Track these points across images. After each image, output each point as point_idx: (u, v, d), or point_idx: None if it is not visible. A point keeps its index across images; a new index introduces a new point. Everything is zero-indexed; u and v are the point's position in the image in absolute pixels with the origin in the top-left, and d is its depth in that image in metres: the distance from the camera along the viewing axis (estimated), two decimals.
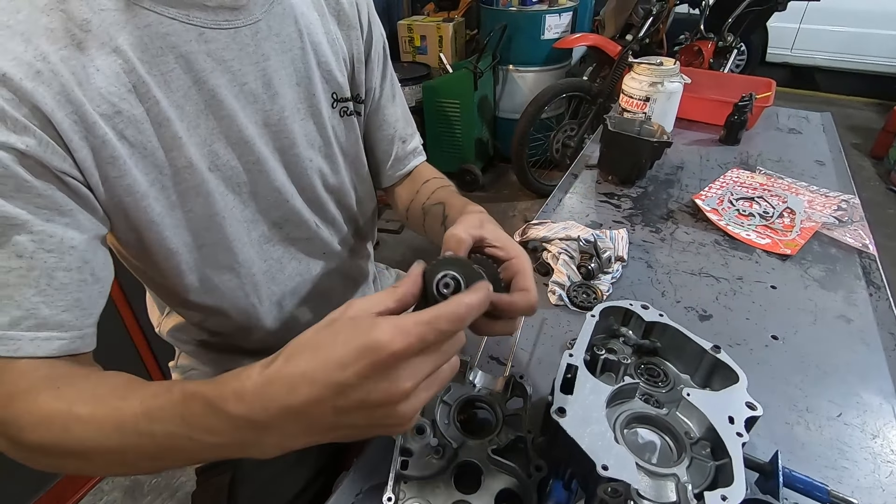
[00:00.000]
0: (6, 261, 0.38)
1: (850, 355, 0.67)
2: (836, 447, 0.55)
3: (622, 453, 0.36)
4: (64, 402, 0.37)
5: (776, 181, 1.09)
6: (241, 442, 0.32)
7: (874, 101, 4.15)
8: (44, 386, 0.38)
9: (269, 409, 0.30)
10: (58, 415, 0.36)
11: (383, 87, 0.67)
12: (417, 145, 0.74)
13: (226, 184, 0.51)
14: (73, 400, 0.37)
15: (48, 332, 0.39)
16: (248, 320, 0.61)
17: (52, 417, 0.36)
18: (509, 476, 0.49)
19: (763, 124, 1.38)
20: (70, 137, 0.40)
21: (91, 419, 0.36)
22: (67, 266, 0.40)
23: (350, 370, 0.28)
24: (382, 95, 0.68)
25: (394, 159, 0.71)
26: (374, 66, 0.64)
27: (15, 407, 0.37)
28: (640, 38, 2.38)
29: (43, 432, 0.36)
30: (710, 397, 0.42)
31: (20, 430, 0.37)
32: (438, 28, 2.80)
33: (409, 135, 0.72)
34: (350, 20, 0.59)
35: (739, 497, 0.33)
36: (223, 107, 0.48)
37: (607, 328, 0.53)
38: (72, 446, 0.36)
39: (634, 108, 1.24)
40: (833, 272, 0.83)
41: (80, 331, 0.42)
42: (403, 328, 0.29)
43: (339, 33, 0.59)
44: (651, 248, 0.89)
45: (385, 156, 0.71)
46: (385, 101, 0.68)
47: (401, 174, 0.72)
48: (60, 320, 0.40)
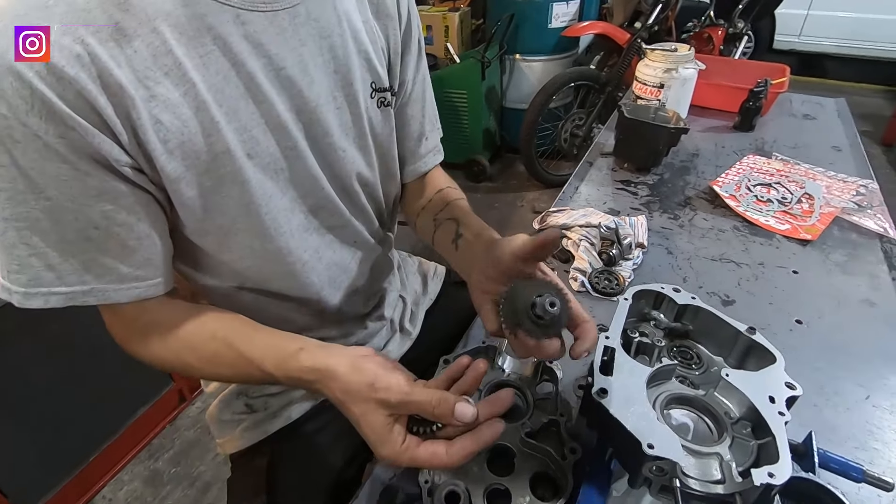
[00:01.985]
0: (83, 233, 0.43)
1: (876, 339, 0.67)
2: (866, 429, 0.56)
3: (666, 433, 0.36)
4: (172, 352, 0.51)
5: (793, 167, 1.08)
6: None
7: (884, 88, 4.10)
8: (148, 332, 0.51)
9: (341, 404, 0.45)
10: (170, 359, 0.52)
11: (416, 80, 0.66)
12: (437, 143, 0.73)
13: (263, 171, 0.50)
14: (178, 350, 0.51)
15: (128, 284, 0.47)
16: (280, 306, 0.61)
17: (166, 359, 0.52)
18: (543, 459, 0.49)
19: (777, 111, 1.37)
20: (114, 122, 0.40)
21: (198, 370, 0.52)
22: (137, 236, 0.46)
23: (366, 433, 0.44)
24: (414, 90, 0.66)
25: (415, 157, 0.70)
26: (411, 58, 0.63)
27: (133, 347, 0.52)
28: (648, 25, 2.36)
29: (162, 364, 0.52)
30: (749, 377, 0.42)
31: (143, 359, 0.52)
32: (444, 18, 2.78)
33: (430, 132, 0.71)
34: (389, 10, 0.57)
35: (786, 474, 0.34)
36: (261, 91, 0.47)
37: (638, 312, 0.53)
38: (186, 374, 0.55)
39: (648, 95, 1.24)
40: (854, 257, 0.82)
41: (154, 279, 0.49)
42: (398, 460, 0.43)
43: (377, 22, 0.57)
44: (670, 235, 0.89)
45: (408, 153, 0.69)
46: (416, 95, 0.66)
47: (421, 172, 0.71)
48: (137, 275, 0.47)
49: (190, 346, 0.51)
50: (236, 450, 0.68)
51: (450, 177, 0.75)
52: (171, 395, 1.63)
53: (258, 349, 0.48)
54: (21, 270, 0.43)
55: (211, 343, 0.50)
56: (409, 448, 0.43)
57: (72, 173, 0.40)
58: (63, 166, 0.40)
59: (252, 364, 0.48)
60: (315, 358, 0.46)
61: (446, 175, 0.75)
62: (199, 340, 0.50)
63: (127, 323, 0.51)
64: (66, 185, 0.40)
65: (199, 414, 1.65)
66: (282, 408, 0.68)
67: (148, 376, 1.55)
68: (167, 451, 1.55)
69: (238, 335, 0.50)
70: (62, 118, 0.38)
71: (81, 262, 0.44)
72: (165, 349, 0.51)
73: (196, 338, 0.51)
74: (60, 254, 0.43)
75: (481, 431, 0.43)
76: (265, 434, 0.66)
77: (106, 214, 0.43)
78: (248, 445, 0.67)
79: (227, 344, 0.49)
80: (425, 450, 0.42)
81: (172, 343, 0.51)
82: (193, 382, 1.66)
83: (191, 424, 1.62)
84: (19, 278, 0.43)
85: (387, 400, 0.43)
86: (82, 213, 0.42)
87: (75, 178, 0.40)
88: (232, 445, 0.68)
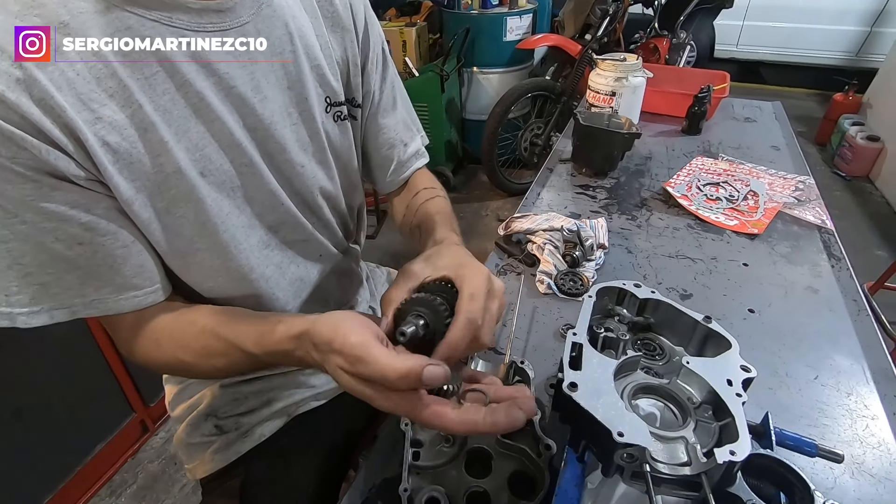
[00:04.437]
0: (70, 249, 0.43)
1: (820, 322, 0.72)
2: (816, 407, 0.60)
3: (635, 420, 0.38)
4: (167, 353, 0.50)
5: (738, 166, 1.15)
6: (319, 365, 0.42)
7: (815, 92, 4.42)
8: (146, 337, 0.50)
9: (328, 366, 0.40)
10: (168, 361, 0.51)
11: (383, 89, 0.66)
12: (419, 147, 0.72)
13: (218, 189, 0.50)
14: (172, 351, 0.50)
15: (126, 294, 0.48)
16: None
17: (167, 362, 0.51)
18: (519, 458, 0.50)
19: (721, 114, 1.45)
20: (64, 142, 0.39)
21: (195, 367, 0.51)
22: (123, 243, 0.46)
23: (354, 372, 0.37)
24: (382, 98, 0.66)
25: (396, 164, 0.69)
26: (372, 68, 0.63)
27: (134, 353, 0.52)
28: (598, 37, 2.46)
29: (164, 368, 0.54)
30: (708, 363, 0.44)
31: (146, 364, 0.53)
32: (402, 32, 2.81)
33: (410, 137, 0.71)
34: (344, 22, 0.58)
35: (746, 450, 0.36)
36: (211, 110, 0.47)
37: (602, 308, 0.55)
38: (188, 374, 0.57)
39: (601, 103, 1.29)
40: (797, 247, 0.88)
41: (151, 287, 0.50)
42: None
43: (333, 36, 0.57)
44: (629, 235, 0.93)
45: (386, 161, 0.69)
46: (386, 104, 0.67)
47: (402, 179, 0.71)
48: (133, 283, 0.48)
49: (183, 345, 0.50)
50: (207, 473, 0.66)
51: (432, 176, 0.74)
52: (133, 427, 1.55)
53: (242, 332, 0.47)
54: (21, 291, 0.42)
55: (201, 337, 0.50)
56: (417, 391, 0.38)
57: (37, 193, 0.39)
58: (26, 187, 0.39)
59: (239, 349, 0.47)
60: (291, 326, 0.43)
61: (429, 176, 0.75)
62: (190, 337, 0.50)
63: (127, 330, 0.51)
64: (35, 206, 0.40)
65: (164, 444, 1.58)
66: (253, 426, 0.66)
67: (105, 407, 1.47)
68: (129, 486, 1.47)
69: (224, 324, 0.49)
70: (11, 139, 0.37)
71: (77, 277, 0.44)
72: (161, 352, 0.51)
73: (187, 336, 0.50)
74: (55, 271, 0.43)
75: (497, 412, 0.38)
76: (237, 454, 0.65)
77: (86, 226, 0.43)
78: (219, 468, 0.65)
79: (214, 335, 0.49)
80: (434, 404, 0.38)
81: (167, 345, 0.51)
82: (155, 412, 1.59)
83: (154, 456, 1.55)
84: (20, 299, 0.43)
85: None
86: (61, 230, 0.42)
87: (41, 196, 0.40)
88: (202, 469, 0.66)
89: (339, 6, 0.57)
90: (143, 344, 0.51)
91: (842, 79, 3.41)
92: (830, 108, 3.38)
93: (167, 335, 0.51)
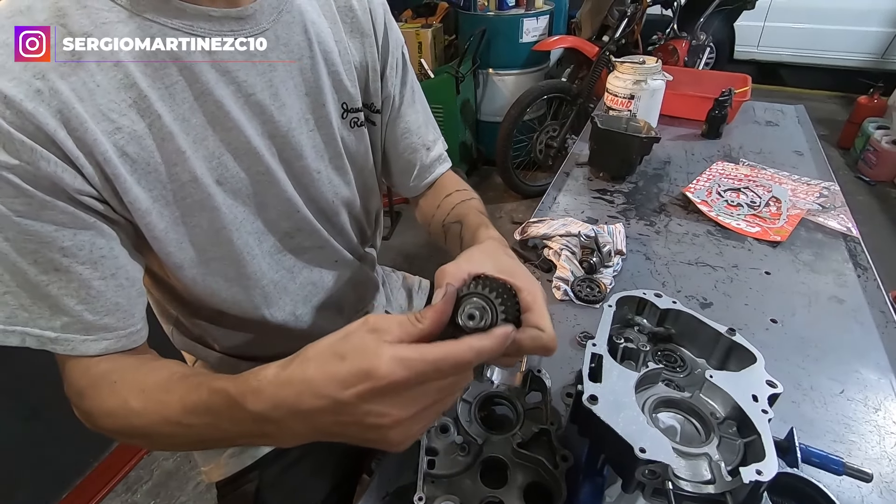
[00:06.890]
0: (45, 274, 0.41)
1: (846, 334, 0.70)
2: (843, 422, 0.58)
3: (657, 436, 0.37)
4: (119, 398, 0.42)
5: (760, 172, 1.12)
6: (262, 432, 0.36)
7: (838, 94, 4.33)
8: (104, 382, 0.44)
9: (280, 409, 0.33)
10: (118, 409, 0.42)
11: (403, 93, 0.65)
12: (441, 152, 0.72)
13: (233, 196, 0.50)
14: (126, 395, 0.42)
15: (95, 335, 0.44)
16: (261, 331, 0.60)
17: (114, 411, 0.43)
18: (535, 468, 0.50)
19: (741, 118, 1.43)
20: (76, 155, 0.39)
21: (144, 412, 0.41)
22: (102, 275, 0.43)
23: (350, 391, 0.30)
24: (403, 103, 0.66)
25: (419, 169, 0.69)
26: (392, 73, 0.62)
27: (86, 401, 0.44)
28: (616, 38, 2.43)
29: (112, 422, 0.43)
30: (732, 378, 0.43)
31: (96, 419, 0.44)
32: (417, 34, 2.81)
33: (432, 141, 0.70)
34: (363, 27, 0.57)
35: (773, 470, 0.35)
36: (229, 118, 0.47)
37: (622, 318, 0.54)
38: (135, 432, 0.43)
39: (619, 106, 1.27)
40: (821, 256, 0.86)
41: (125, 330, 0.46)
42: (406, 362, 0.30)
43: (352, 41, 0.57)
44: (647, 241, 0.91)
45: (410, 166, 0.68)
46: (406, 108, 0.66)
47: (426, 183, 0.70)
48: (104, 324, 0.44)
49: (140, 388, 0.44)
50: (222, 477, 0.66)
51: (461, 179, 0.74)
52: None
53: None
54: None
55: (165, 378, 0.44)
56: None
57: (26, 209, 0.39)
58: (16, 201, 0.38)
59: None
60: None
61: (457, 178, 0.74)
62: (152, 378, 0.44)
63: (80, 377, 0.45)
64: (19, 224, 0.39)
65: None
66: None
67: None
68: (145, 482, 1.49)
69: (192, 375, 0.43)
70: (19, 148, 0.37)
71: (49, 307, 0.42)
72: (115, 396, 0.44)
73: (150, 377, 0.44)
74: (30, 295, 0.41)
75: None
76: (252, 459, 0.65)
77: (66, 251, 0.41)
78: (234, 472, 0.65)
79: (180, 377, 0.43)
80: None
81: (122, 388, 0.44)
82: None
83: (169, 454, 1.57)
84: None
85: None
86: (41, 253, 0.40)
87: (29, 213, 0.39)
88: (217, 473, 0.66)
89: (358, 11, 0.57)
90: (96, 389, 0.44)
91: (866, 81, 3.33)
92: (855, 111, 3.30)
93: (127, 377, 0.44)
